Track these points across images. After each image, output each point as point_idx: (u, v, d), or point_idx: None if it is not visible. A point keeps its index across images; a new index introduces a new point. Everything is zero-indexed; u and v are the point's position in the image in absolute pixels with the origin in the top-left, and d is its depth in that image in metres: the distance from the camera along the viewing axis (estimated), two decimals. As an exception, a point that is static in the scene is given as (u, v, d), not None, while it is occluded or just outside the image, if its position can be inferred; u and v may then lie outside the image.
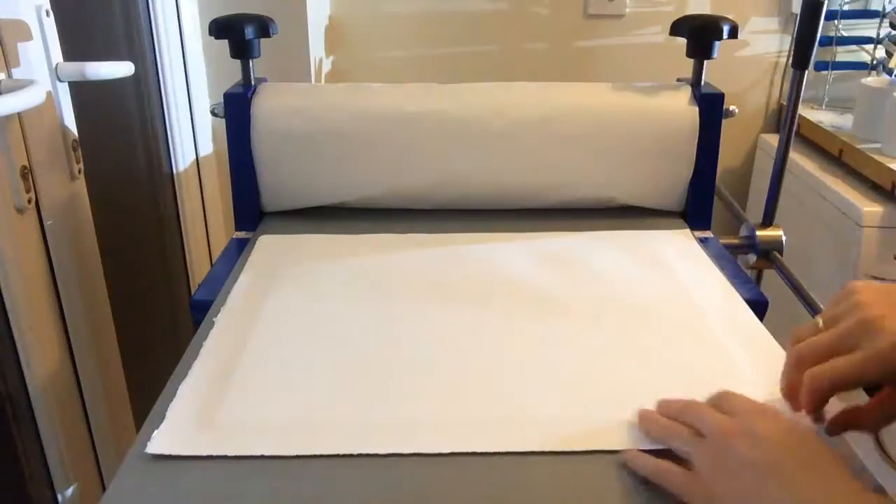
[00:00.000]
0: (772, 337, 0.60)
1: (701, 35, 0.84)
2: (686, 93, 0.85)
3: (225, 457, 0.46)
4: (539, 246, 0.77)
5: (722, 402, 0.45)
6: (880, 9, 1.43)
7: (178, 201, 1.14)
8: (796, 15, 1.47)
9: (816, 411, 0.46)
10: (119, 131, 1.05)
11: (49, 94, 0.76)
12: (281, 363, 0.56)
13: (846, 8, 1.46)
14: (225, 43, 0.83)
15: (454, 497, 0.44)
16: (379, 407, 0.51)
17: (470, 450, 0.47)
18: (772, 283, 0.96)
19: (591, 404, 0.51)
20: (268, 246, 0.77)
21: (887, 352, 0.42)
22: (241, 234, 0.85)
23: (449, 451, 0.47)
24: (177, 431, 0.48)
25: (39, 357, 0.75)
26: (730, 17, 0.84)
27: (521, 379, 0.55)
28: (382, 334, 0.60)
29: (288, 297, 0.66)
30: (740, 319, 0.63)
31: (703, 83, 0.86)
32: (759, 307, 0.67)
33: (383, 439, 0.47)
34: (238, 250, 0.78)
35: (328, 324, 0.62)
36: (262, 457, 0.46)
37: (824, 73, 1.50)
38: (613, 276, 0.70)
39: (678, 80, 0.89)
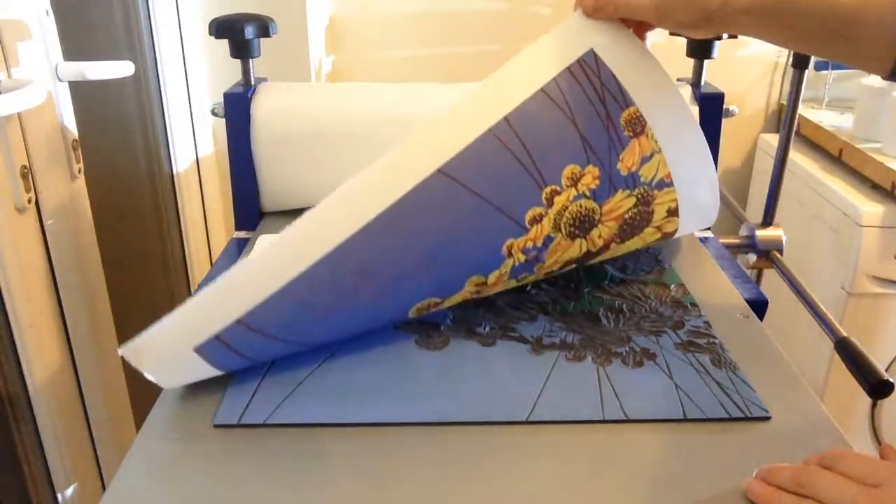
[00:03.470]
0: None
1: (701, 35, 0.84)
2: (686, 93, 0.85)
3: (224, 458, 0.46)
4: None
5: (846, 468, 0.40)
6: (880, 9, 1.43)
7: (178, 201, 1.14)
8: (796, 15, 1.47)
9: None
10: (119, 131, 1.05)
11: (49, 94, 0.76)
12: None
13: (846, 8, 1.46)
14: (225, 43, 0.83)
15: (461, 495, 0.44)
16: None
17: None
18: (772, 282, 0.96)
19: None
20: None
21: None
22: (241, 234, 0.85)
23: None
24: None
25: (39, 357, 0.75)
26: (730, 16, 0.84)
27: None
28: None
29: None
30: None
31: (703, 83, 0.86)
32: (759, 307, 0.67)
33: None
34: (238, 250, 0.78)
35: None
36: (261, 457, 0.46)
37: (824, 73, 1.50)
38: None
39: (678, 80, 0.89)
